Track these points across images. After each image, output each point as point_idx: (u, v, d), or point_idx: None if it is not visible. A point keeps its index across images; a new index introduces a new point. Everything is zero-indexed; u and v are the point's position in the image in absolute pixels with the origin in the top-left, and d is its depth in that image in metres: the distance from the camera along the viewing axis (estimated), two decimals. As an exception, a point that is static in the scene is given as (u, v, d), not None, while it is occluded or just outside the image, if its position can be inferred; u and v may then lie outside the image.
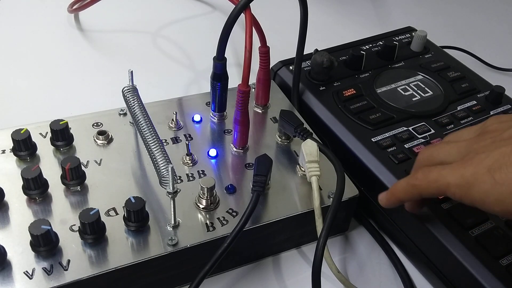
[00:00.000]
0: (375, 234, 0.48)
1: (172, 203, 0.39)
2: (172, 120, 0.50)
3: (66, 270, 0.37)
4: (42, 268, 0.37)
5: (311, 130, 0.48)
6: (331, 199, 0.43)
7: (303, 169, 0.46)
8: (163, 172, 0.39)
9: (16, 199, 0.41)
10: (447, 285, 0.42)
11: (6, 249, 0.37)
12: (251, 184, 0.43)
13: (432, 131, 0.51)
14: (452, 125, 0.52)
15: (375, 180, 0.46)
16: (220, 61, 0.46)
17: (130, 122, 0.49)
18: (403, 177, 0.42)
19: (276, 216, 0.42)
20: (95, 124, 0.49)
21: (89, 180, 0.43)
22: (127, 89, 0.47)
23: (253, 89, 0.53)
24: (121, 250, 0.38)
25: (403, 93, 0.55)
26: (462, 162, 0.34)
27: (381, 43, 0.63)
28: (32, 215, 0.40)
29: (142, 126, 0.43)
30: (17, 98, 0.59)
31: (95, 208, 0.38)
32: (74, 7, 0.72)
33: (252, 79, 0.49)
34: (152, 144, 0.41)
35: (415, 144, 0.49)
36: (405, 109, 0.53)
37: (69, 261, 0.37)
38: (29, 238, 0.37)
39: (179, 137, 0.49)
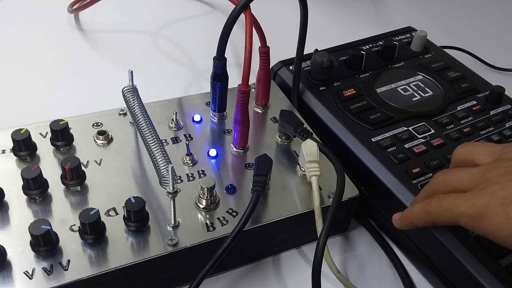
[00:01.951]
0: (375, 234, 0.48)
1: (172, 203, 0.39)
2: (172, 120, 0.50)
3: (66, 270, 0.37)
4: (42, 268, 0.37)
5: (311, 130, 0.48)
6: (331, 199, 0.43)
7: (303, 169, 0.46)
8: (163, 172, 0.39)
9: (16, 199, 0.41)
10: (447, 285, 0.42)
11: (6, 249, 0.37)
12: (251, 184, 0.43)
13: (432, 131, 0.51)
14: (452, 125, 0.52)
15: (375, 180, 0.46)
16: (220, 61, 0.46)
17: (130, 122, 0.49)
18: (404, 180, 0.42)
19: (276, 216, 0.42)
20: (95, 124, 0.49)
21: (89, 180, 0.43)
22: (127, 89, 0.47)
23: (253, 89, 0.53)
24: (121, 250, 0.38)
25: (403, 93, 0.55)
26: (475, 191, 0.34)
27: (381, 43, 0.63)
28: (32, 215, 0.40)
29: (142, 126, 0.43)
30: (17, 98, 0.59)
31: (95, 208, 0.38)
32: (74, 7, 0.72)
33: (252, 79, 0.49)
34: (152, 144, 0.41)
35: (415, 144, 0.49)
36: (405, 109, 0.53)
37: (69, 261, 0.37)
38: (29, 238, 0.37)
39: (179, 137, 0.49)
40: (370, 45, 0.63)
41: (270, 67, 0.52)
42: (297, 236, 0.46)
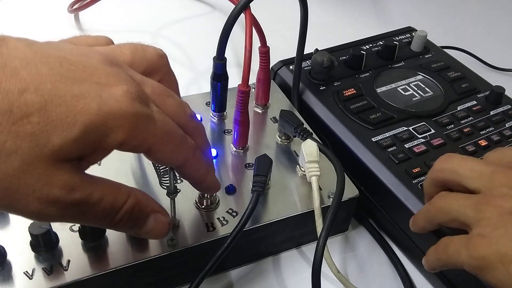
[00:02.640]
0: (375, 234, 0.48)
1: (172, 203, 0.39)
2: (172, 120, 0.50)
3: (66, 270, 0.37)
4: (42, 268, 0.37)
5: (311, 130, 0.48)
6: (331, 199, 0.43)
7: (303, 169, 0.46)
8: (163, 172, 0.39)
9: (16, 199, 0.41)
10: (447, 285, 0.42)
11: (6, 249, 0.37)
12: (251, 184, 0.43)
13: (432, 131, 0.51)
14: (452, 125, 0.52)
15: (375, 180, 0.46)
16: (220, 61, 0.46)
17: (130, 122, 0.49)
18: (405, 180, 0.42)
19: (276, 216, 0.42)
20: (95, 124, 0.49)
21: (89, 180, 0.43)
22: (127, 89, 0.47)
23: (253, 89, 0.53)
24: (121, 250, 0.38)
25: (403, 93, 0.55)
26: (472, 239, 0.33)
27: (381, 43, 0.63)
28: (32, 215, 0.40)
29: (142, 126, 0.43)
30: (17, 98, 0.59)
31: (95, 208, 0.38)
32: (74, 7, 0.72)
33: (252, 79, 0.49)
34: (152, 144, 0.41)
35: (415, 144, 0.49)
36: (405, 109, 0.53)
37: (69, 261, 0.37)
38: (29, 238, 0.37)
39: (179, 137, 0.49)
40: (370, 45, 0.63)
41: (270, 67, 0.52)
42: (297, 236, 0.46)
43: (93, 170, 0.44)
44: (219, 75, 0.47)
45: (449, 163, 0.37)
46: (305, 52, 0.54)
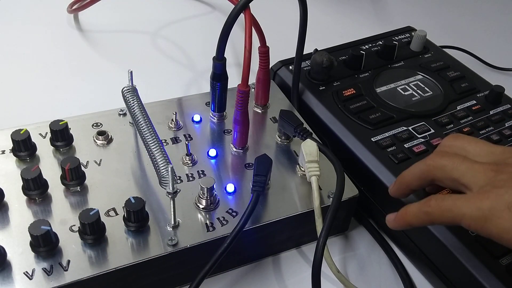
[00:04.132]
0: (375, 234, 0.48)
1: (172, 203, 0.39)
2: (172, 120, 0.50)
3: (66, 270, 0.37)
4: (42, 268, 0.37)
5: (310, 130, 0.48)
6: (331, 199, 0.43)
7: (303, 169, 0.46)
8: (163, 172, 0.39)
9: (16, 200, 0.41)
10: (447, 285, 0.42)
11: (6, 249, 0.37)
12: (251, 184, 0.43)
13: (432, 130, 0.51)
14: (452, 125, 0.52)
15: (375, 180, 0.46)
16: (219, 61, 0.46)
17: (129, 123, 0.49)
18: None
19: (276, 216, 0.42)
20: (94, 125, 0.49)
21: (89, 181, 0.43)
22: (127, 89, 0.47)
23: (253, 89, 0.53)
24: (121, 250, 0.38)
25: (402, 92, 0.55)
26: (479, 194, 0.34)
27: (380, 42, 0.63)
28: (32, 216, 0.40)
29: (142, 126, 0.43)
30: (17, 98, 0.59)
31: (95, 209, 0.38)
32: (74, 7, 0.72)
33: (252, 79, 0.49)
34: (151, 144, 0.41)
35: (415, 143, 0.49)
36: (405, 109, 0.53)
37: (69, 261, 0.37)
38: (29, 238, 0.37)
39: (178, 137, 0.49)
40: (370, 45, 0.63)
41: (270, 67, 0.52)
42: (297, 236, 0.46)
43: (93, 170, 0.44)
44: (219, 75, 0.47)
45: (457, 139, 0.39)
46: (304, 52, 0.54)
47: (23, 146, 0.44)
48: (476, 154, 0.37)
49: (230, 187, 0.44)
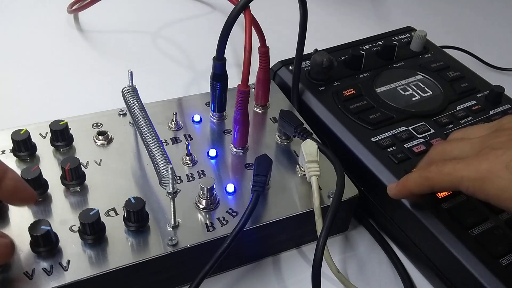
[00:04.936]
0: (375, 234, 0.48)
1: (172, 203, 0.39)
2: (172, 120, 0.50)
3: (66, 270, 0.37)
4: (42, 268, 0.37)
5: (310, 130, 0.48)
6: (331, 199, 0.43)
7: (303, 169, 0.46)
8: (163, 172, 0.39)
9: (16, 200, 0.41)
10: (447, 285, 0.42)
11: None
12: (251, 184, 0.43)
13: (432, 130, 0.51)
14: (452, 125, 0.52)
15: (375, 180, 0.46)
16: (219, 61, 0.46)
17: (130, 123, 0.49)
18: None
19: (276, 216, 0.42)
20: (95, 125, 0.49)
21: (89, 181, 0.43)
22: (127, 90, 0.47)
23: (253, 89, 0.53)
24: (121, 250, 0.38)
25: (402, 93, 0.55)
26: (477, 156, 0.34)
27: (380, 43, 0.63)
28: (32, 216, 0.40)
29: (142, 127, 0.43)
30: (17, 99, 0.59)
31: (95, 209, 0.38)
32: (74, 8, 0.72)
33: (252, 79, 0.49)
34: (152, 145, 0.41)
35: (414, 144, 0.49)
36: (405, 109, 0.53)
37: (69, 261, 0.37)
38: (29, 238, 0.37)
39: (179, 137, 0.49)
40: (370, 45, 0.63)
41: (270, 67, 0.52)
42: (297, 236, 0.46)
43: (93, 170, 0.44)
44: (219, 75, 0.47)
45: (461, 129, 0.40)
46: (304, 52, 0.54)
47: (23, 146, 0.44)
48: (475, 134, 0.38)
49: (230, 187, 0.44)
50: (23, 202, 0.38)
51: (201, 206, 0.42)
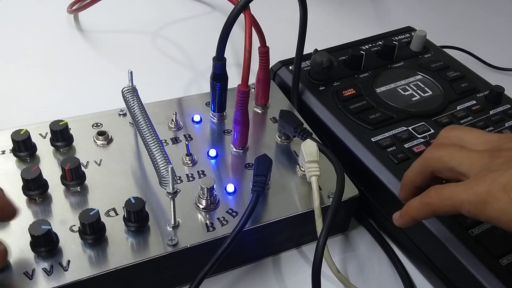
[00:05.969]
0: (375, 234, 0.48)
1: (172, 203, 0.39)
2: (172, 120, 0.50)
3: (66, 270, 0.37)
4: (42, 268, 0.37)
5: (310, 130, 0.48)
6: (331, 199, 0.43)
7: (303, 169, 0.46)
8: (163, 172, 0.39)
9: (16, 200, 0.41)
10: (447, 285, 0.42)
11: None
12: (251, 184, 0.43)
13: (432, 131, 0.51)
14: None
15: (375, 180, 0.46)
16: (219, 61, 0.46)
17: (130, 123, 0.49)
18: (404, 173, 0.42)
19: (276, 216, 0.42)
20: (95, 125, 0.49)
21: (89, 181, 0.43)
22: (127, 90, 0.47)
23: (253, 89, 0.53)
24: (121, 251, 0.38)
25: (402, 93, 0.55)
26: (475, 179, 0.34)
27: (380, 43, 0.63)
28: (32, 216, 0.40)
29: (142, 127, 0.43)
30: (17, 99, 0.59)
31: (95, 209, 0.38)
32: (74, 8, 0.72)
33: (252, 79, 0.49)
34: (152, 145, 0.41)
35: (414, 144, 0.49)
36: (405, 109, 0.53)
37: (69, 261, 0.37)
38: (29, 238, 0.37)
39: (179, 138, 0.49)
40: (370, 45, 0.63)
41: (270, 67, 0.52)
42: (297, 236, 0.46)
43: (93, 171, 0.44)
44: (219, 75, 0.47)
45: (454, 130, 0.39)
46: (304, 52, 0.54)
47: (23, 146, 0.44)
48: (473, 143, 0.37)
49: (230, 187, 0.44)
50: (4, 220, 0.38)
51: (201, 206, 0.42)
